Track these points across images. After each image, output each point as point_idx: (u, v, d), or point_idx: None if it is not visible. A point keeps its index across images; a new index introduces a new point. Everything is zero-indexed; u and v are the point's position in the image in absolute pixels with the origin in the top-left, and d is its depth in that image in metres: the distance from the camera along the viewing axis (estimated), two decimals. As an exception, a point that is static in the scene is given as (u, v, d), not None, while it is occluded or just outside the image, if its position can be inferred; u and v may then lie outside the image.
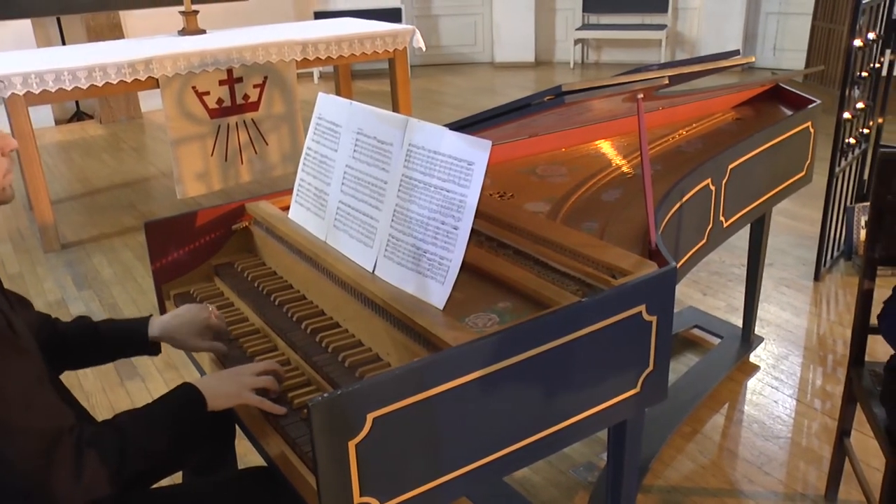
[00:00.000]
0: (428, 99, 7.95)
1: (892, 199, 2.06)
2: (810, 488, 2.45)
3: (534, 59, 9.43)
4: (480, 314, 1.53)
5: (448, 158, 1.52)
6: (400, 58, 5.38)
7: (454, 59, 9.67)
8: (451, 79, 8.96)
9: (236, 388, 1.52)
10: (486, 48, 9.65)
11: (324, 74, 8.98)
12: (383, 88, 5.71)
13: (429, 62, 9.47)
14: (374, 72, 8.91)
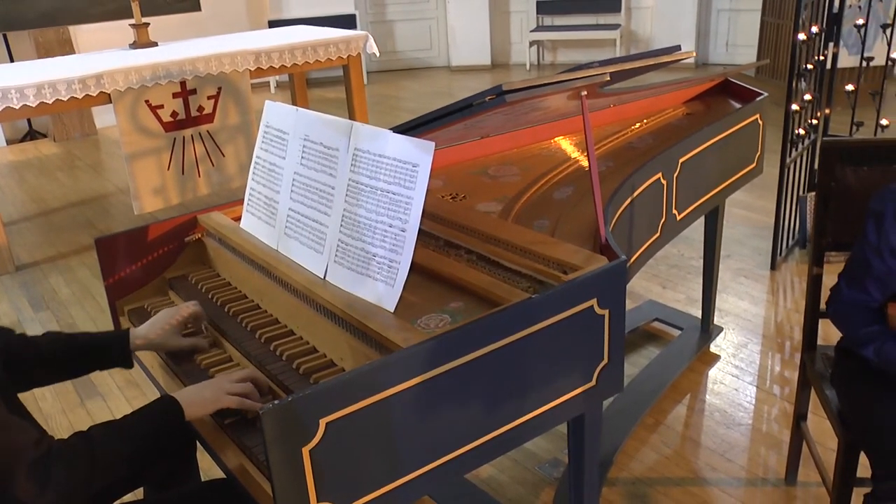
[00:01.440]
0: (385, 104, 7.95)
1: (837, 187, 2.11)
2: (771, 473, 2.48)
3: (490, 61, 9.47)
4: (432, 315, 1.54)
5: (393, 161, 1.52)
6: (354, 64, 5.37)
7: (410, 64, 9.68)
8: (408, 84, 8.96)
9: (214, 393, 1.52)
10: (442, 52, 9.67)
11: (280, 84, 8.93)
12: (340, 96, 5.70)
13: (385, 68, 9.47)
14: (330, 79, 8.88)
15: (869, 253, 1.73)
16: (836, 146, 2.10)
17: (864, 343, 1.76)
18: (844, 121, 3.85)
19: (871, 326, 1.76)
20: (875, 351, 1.74)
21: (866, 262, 1.74)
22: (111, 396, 3.02)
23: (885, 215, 1.67)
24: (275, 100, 1.93)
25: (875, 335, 1.74)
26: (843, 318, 1.84)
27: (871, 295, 1.78)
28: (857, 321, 1.79)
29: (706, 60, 8.81)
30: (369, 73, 9.17)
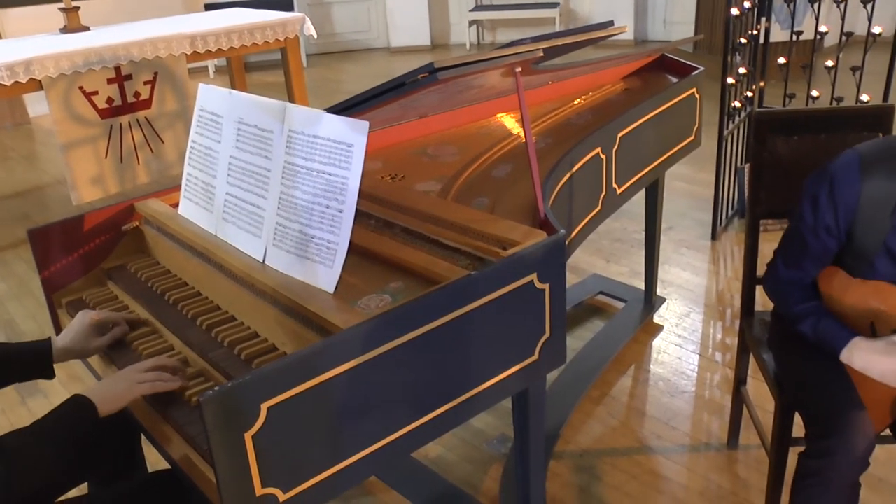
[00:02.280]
0: (325, 87, 7.87)
1: (769, 157, 2.15)
2: (714, 438, 2.55)
3: (430, 42, 9.43)
4: (373, 296, 1.53)
5: (327, 142, 1.51)
6: (292, 47, 5.30)
7: (350, 47, 9.58)
8: (348, 66, 8.88)
9: (125, 385, 1.50)
10: (381, 34, 9.59)
11: (219, 68, 8.77)
12: (279, 79, 5.62)
13: (324, 50, 9.36)
14: (269, 63, 8.74)
15: (805, 232, 1.76)
16: (768, 117, 2.14)
17: (800, 319, 1.80)
18: (778, 93, 3.94)
19: (807, 303, 1.80)
20: (811, 326, 1.78)
21: (803, 241, 1.78)
22: (53, 393, 2.96)
23: (820, 196, 1.71)
24: (214, 84, 1.89)
25: (811, 311, 1.78)
26: (780, 295, 1.88)
27: (808, 272, 1.82)
28: (794, 298, 1.83)
29: (644, 37, 8.91)
30: (309, 56, 9.06)
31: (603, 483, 2.37)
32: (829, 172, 1.70)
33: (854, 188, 1.66)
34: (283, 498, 1.33)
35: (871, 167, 1.65)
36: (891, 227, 1.66)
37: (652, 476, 2.39)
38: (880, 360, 1.66)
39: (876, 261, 1.71)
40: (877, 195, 1.64)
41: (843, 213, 1.69)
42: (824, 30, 3.75)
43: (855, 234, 1.70)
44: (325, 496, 1.40)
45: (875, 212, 1.65)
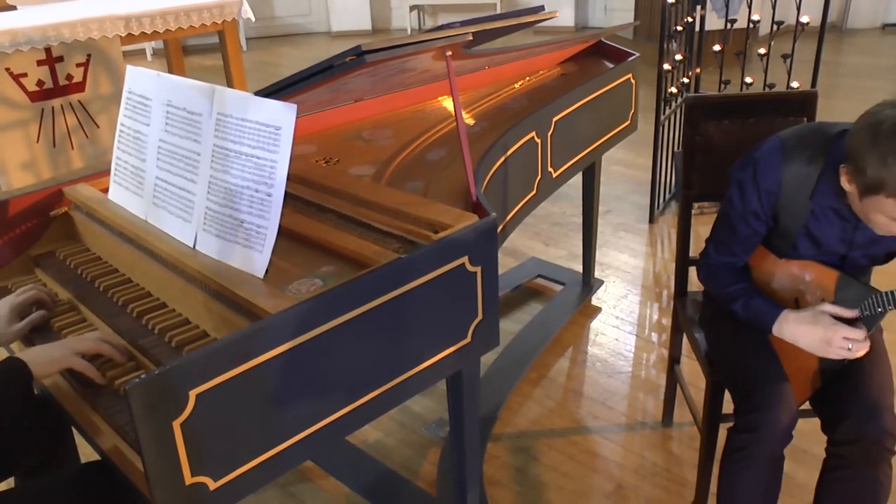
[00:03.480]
0: (264, 71, 7.77)
1: (701, 140, 2.19)
2: (649, 416, 2.60)
3: (370, 27, 9.36)
4: (304, 280, 1.52)
5: (256, 125, 1.49)
6: (229, 30, 5.21)
7: (290, 30, 9.47)
8: (288, 50, 8.77)
9: (61, 352, 1.48)
10: (322, 18, 9.49)
11: (157, 51, 8.58)
12: (218, 63, 5.53)
13: (264, 34, 9.23)
14: (208, 46, 8.58)
15: (734, 218, 1.81)
16: (699, 102, 2.19)
17: (732, 300, 1.85)
18: (714, 79, 4.02)
19: (738, 284, 1.85)
20: (742, 306, 1.83)
21: (732, 227, 1.83)
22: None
23: (745, 182, 1.76)
24: (152, 68, 1.85)
25: (741, 292, 1.83)
26: (712, 279, 1.93)
27: (739, 256, 1.87)
28: (725, 280, 1.88)
29: (585, 24, 8.99)
30: (248, 40, 8.93)
31: (539, 463, 2.40)
32: (753, 159, 1.75)
33: (776, 173, 1.71)
34: (213, 486, 1.31)
35: (791, 153, 1.70)
36: (810, 211, 1.71)
37: (588, 455, 2.43)
38: (808, 329, 1.72)
39: (798, 242, 1.77)
40: (797, 180, 1.69)
41: (766, 198, 1.74)
42: (757, 18, 3.83)
43: (778, 216, 1.76)
44: (258, 483, 1.40)
45: (796, 195, 1.71)
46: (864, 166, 1.46)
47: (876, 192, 1.47)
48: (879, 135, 1.43)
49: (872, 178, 1.45)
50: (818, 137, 1.70)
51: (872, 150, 1.44)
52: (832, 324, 1.69)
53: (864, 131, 1.48)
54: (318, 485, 2.34)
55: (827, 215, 1.71)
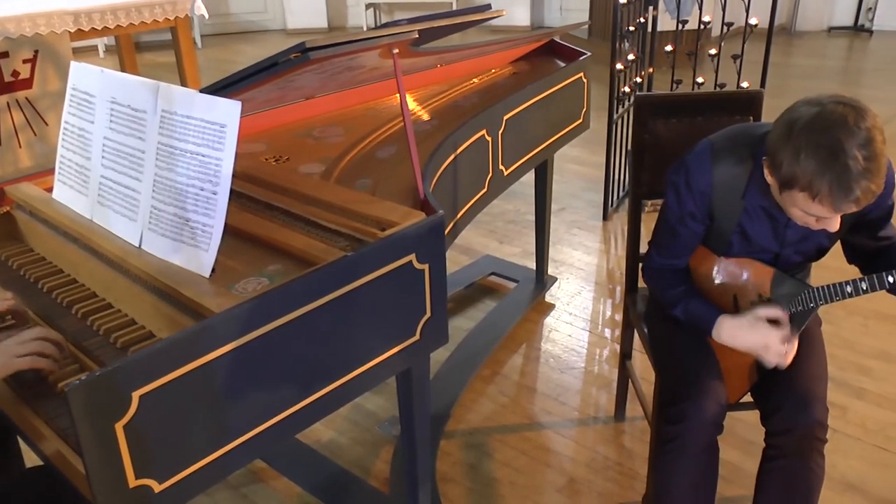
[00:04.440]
0: (219, 69, 7.68)
1: (650, 139, 2.23)
2: (602, 411, 2.64)
3: (327, 24, 9.31)
4: (251, 279, 1.51)
5: (200, 122, 1.48)
6: (182, 26, 5.13)
7: (245, 27, 9.38)
8: (243, 47, 8.70)
9: (3, 359, 1.43)
10: (278, 15, 9.42)
11: (110, 48, 8.43)
12: (172, 60, 5.46)
13: (219, 31, 9.14)
14: (162, 43, 8.46)
15: (672, 220, 1.84)
16: (648, 101, 2.22)
17: (673, 305, 1.89)
18: (666, 79, 4.07)
19: (678, 287, 1.88)
20: (683, 310, 1.86)
21: (671, 230, 1.86)
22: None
23: (680, 185, 1.79)
24: (104, 65, 1.82)
25: (682, 295, 1.87)
26: (655, 282, 1.96)
27: (680, 258, 1.91)
28: (667, 283, 1.91)
29: (541, 24, 9.05)
30: (203, 37, 8.82)
31: (493, 459, 2.42)
32: (685, 163, 1.79)
33: (707, 175, 1.74)
34: (158, 489, 1.30)
35: (721, 154, 1.74)
36: (743, 209, 1.75)
37: (541, 451, 2.45)
38: (745, 334, 1.76)
39: (732, 240, 1.81)
40: (727, 180, 1.73)
41: (700, 199, 1.77)
42: (707, 20, 3.90)
43: (713, 216, 1.79)
44: (206, 483, 1.39)
45: (728, 195, 1.74)
46: (780, 161, 1.50)
47: (790, 186, 1.50)
48: (794, 131, 1.47)
49: (787, 173, 1.49)
50: (746, 138, 1.74)
51: (787, 146, 1.48)
52: (768, 329, 1.73)
53: (780, 127, 1.52)
54: (271, 485, 2.33)
55: (758, 214, 1.75)
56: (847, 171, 1.41)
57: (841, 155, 1.41)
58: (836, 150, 1.42)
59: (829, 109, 1.45)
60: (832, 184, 1.43)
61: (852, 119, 1.43)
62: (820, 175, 1.43)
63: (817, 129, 1.44)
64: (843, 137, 1.42)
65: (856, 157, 1.41)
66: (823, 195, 1.45)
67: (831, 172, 1.42)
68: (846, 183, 1.42)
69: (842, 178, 1.42)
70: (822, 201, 1.47)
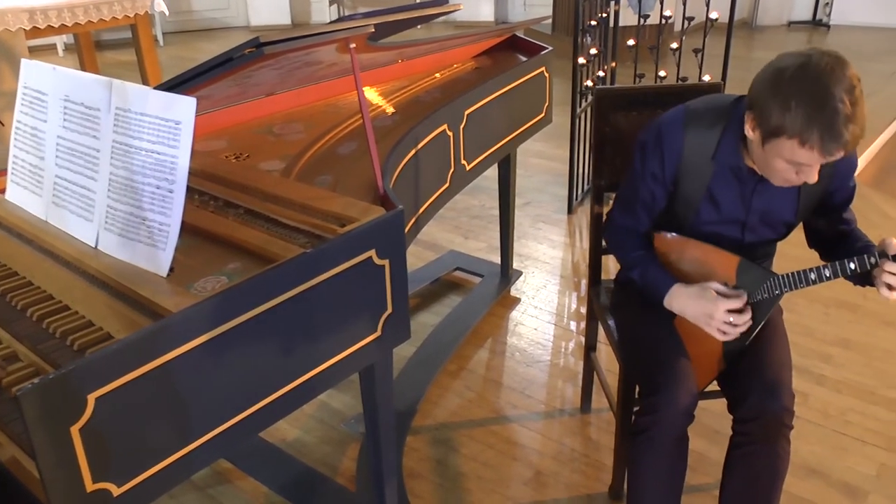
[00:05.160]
0: (181, 67, 7.55)
1: (610, 132, 2.24)
2: (568, 403, 2.65)
3: (290, 21, 9.23)
4: (209, 278, 1.50)
5: (155, 119, 1.46)
6: (142, 24, 5.07)
7: (208, 24, 9.26)
8: (206, 45, 8.59)
9: None
10: (240, 12, 9.32)
11: (69, 46, 8.28)
12: (134, 58, 5.39)
13: (182, 28, 9.02)
14: (123, 41, 8.33)
15: (636, 179, 1.87)
16: (608, 94, 2.23)
17: (631, 267, 1.91)
18: (629, 73, 4.10)
19: (638, 251, 1.91)
20: (640, 274, 1.89)
21: (634, 188, 1.88)
22: None
23: (648, 144, 1.81)
24: (64, 64, 1.79)
25: (641, 259, 1.89)
26: (616, 243, 1.98)
27: (640, 220, 1.92)
28: (627, 245, 1.94)
29: (505, 19, 9.06)
30: (165, 35, 8.70)
31: (459, 454, 2.42)
32: (657, 123, 1.82)
33: (678, 137, 1.77)
34: (117, 492, 1.28)
35: (694, 118, 1.77)
36: (712, 172, 1.77)
37: (507, 444, 2.46)
38: (693, 303, 1.79)
39: (700, 206, 1.83)
40: (698, 143, 1.76)
41: (668, 161, 1.79)
42: (669, 14, 3.93)
43: (681, 181, 1.81)
44: (166, 485, 1.37)
45: (698, 159, 1.77)
46: (769, 111, 1.53)
47: (778, 134, 1.54)
48: (782, 81, 1.52)
49: (776, 122, 1.53)
50: (718, 104, 1.78)
51: (776, 95, 1.52)
52: (715, 298, 1.76)
53: (766, 79, 1.56)
54: (237, 486, 2.31)
55: (727, 176, 1.77)
56: (836, 115, 1.47)
57: (831, 100, 1.47)
58: (826, 96, 1.47)
59: (815, 59, 1.50)
60: (823, 128, 1.48)
61: (838, 68, 1.49)
62: (810, 120, 1.48)
63: (807, 77, 1.49)
64: (832, 84, 1.47)
65: (844, 101, 1.47)
66: (814, 140, 1.50)
67: (822, 116, 1.47)
68: (836, 127, 1.47)
69: (833, 122, 1.47)
70: (812, 146, 1.51)
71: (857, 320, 3.08)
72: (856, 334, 2.99)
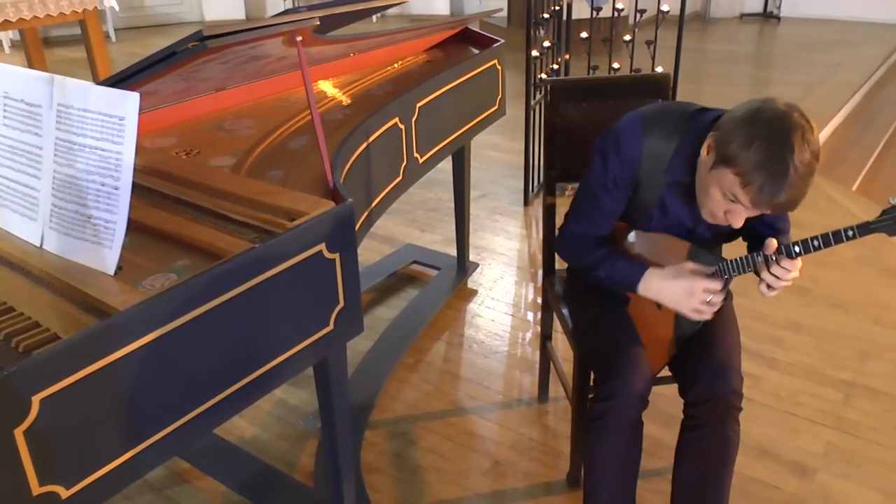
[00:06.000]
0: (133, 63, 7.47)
1: (562, 122, 2.26)
2: (525, 393, 2.67)
3: (245, 15, 9.14)
4: (158, 275, 1.48)
5: (98, 115, 1.44)
6: (91, 19, 4.97)
7: (161, 20, 9.12)
8: (159, 41, 8.45)
9: None
10: (194, 7, 9.19)
11: (15, 43, 8.10)
12: (84, 55, 5.28)
13: (134, 24, 8.87)
14: (72, 37, 8.18)
15: (596, 187, 1.86)
16: (559, 86, 2.25)
17: (595, 267, 1.89)
18: (583, 65, 4.13)
19: (600, 250, 1.90)
20: (608, 270, 1.87)
21: (594, 196, 1.87)
22: None
23: (608, 150, 1.82)
24: (10, 61, 1.75)
25: (605, 256, 1.88)
26: (572, 252, 1.96)
27: (600, 227, 1.91)
28: (586, 249, 1.92)
29: (461, 13, 9.08)
30: (117, 31, 8.56)
31: (417, 447, 2.43)
32: (615, 130, 1.82)
33: (637, 143, 1.78)
34: (66, 494, 1.26)
35: (651, 126, 1.78)
36: (665, 184, 1.80)
37: (465, 436, 2.48)
38: (671, 283, 1.80)
39: (653, 213, 1.85)
40: (655, 152, 1.78)
41: (627, 167, 1.81)
42: (621, 7, 3.97)
43: (638, 188, 1.83)
44: (117, 486, 1.35)
45: (653, 167, 1.79)
46: (731, 140, 1.55)
47: (728, 164, 1.56)
48: (756, 120, 1.54)
49: (732, 152, 1.55)
50: (676, 115, 1.79)
51: (744, 129, 1.54)
52: (692, 275, 1.78)
53: (744, 112, 1.58)
54: (195, 485, 2.29)
55: (677, 190, 1.79)
56: (786, 174, 1.50)
57: (788, 158, 1.50)
58: (785, 153, 1.50)
59: (793, 118, 1.53)
60: (767, 179, 1.51)
61: (807, 134, 1.53)
62: (761, 166, 1.51)
63: (779, 127, 1.52)
64: (796, 145, 1.50)
65: (798, 166, 1.50)
66: (754, 186, 1.52)
67: (773, 169, 1.50)
68: (780, 183, 1.51)
69: (779, 178, 1.50)
70: (749, 191, 1.54)
71: (808, 304, 3.15)
72: (806, 318, 3.06)
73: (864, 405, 2.57)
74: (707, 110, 1.76)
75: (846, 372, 2.74)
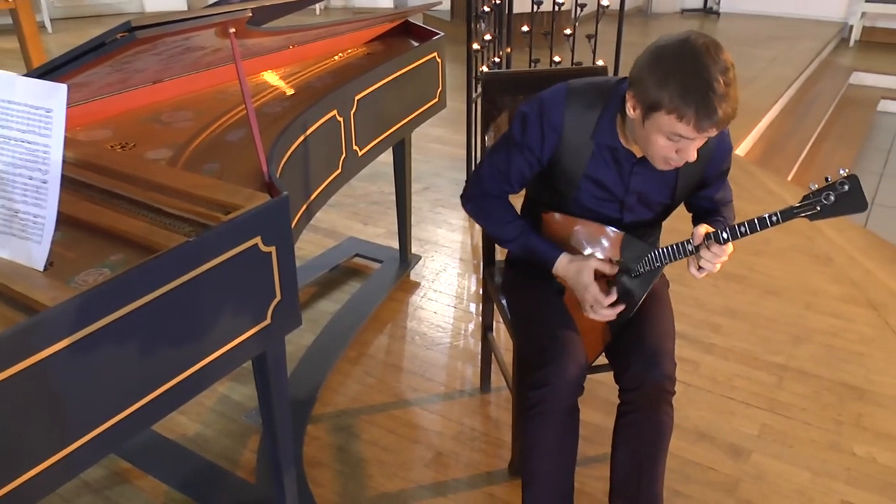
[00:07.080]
0: (72, 55, 7.27)
1: (498, 114, 2.28)
2: (468, 384, 2.70)
3: (187, 6, 8.97)
4: (91, 270, 1.45)
5: (24, 107, 1.40)
6: (23, 8, 4.84)
7: (100, 11, 8.88)
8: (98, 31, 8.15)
9: None
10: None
11: (-57, 34, 7.83)
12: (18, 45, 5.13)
13: (72, 14, 8.62)
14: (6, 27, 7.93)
15: (512, 149, 1.89)
16: (495, 79, 2.27)
17: (509, 241, 1.96)
18: (525, 59, 4.16)
19: (514, 221, 1.94)
20: (521, 247, 1.93)
21: (508, 156, 1.90)
22: None
23: (530, 116, 1.85)
24: None
25: (518, 231, 1.93)
26: (485, 210, 1.98)
27: (513, 187, 1.96)
28: (500, 214, 1.96)
29: (405, 5, 9.05)
30: (53, 21, 8.32)
31: (360, 440, 2.43)
32: (539, 98, 1.86)
33: (559, 111, 1.82)
34: (-5, 497, 1.24)
35: (575, 95, 1.83)
36: (591, 152, 1.83)
37: (408, 428, 2.49)
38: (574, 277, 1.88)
39: (581, 183, 1.88)
40: (578, 121, 1.82)
41: (549, 135, 1.84)
42: (561, 1, 4.01)
43: (562, 157, 1.86)
44: (48, 487, 1.33)
45: (577, 137, 1.83)
46: (647, 87, 1.60)
47: (656, 108, 1.61)
48: (661, 58, 1.59)
49: (654, 97, 1.59)
50: (600, 86, 1.84)
51: (655, 71, 1.59)
52: (588, 285, 1.86)
53: (647, 57, 1.63)
54: (136, 485, 2.26)
55: (605, 156, 1.83)
56: (712, 89, 1.54)
57: (706, 77, 1.54)
58: (701, 74, 1.55)
59: (692, 40, 1.58)
60: (698, 103, 1.55)
61: (713, 50, 1.58)
62: (686, 94, 1.55)
63: (684, 55, 1.57)
64: (708, 63, 1.55)
65: (718, 80, 1.55)
66: (690, 114, 1.57)
67: (697, 93, 1.55)
68: (710, 103, 1.55)
69: (707, 99, 1.55)
70: (688, 121, 1.58)
71: (743, 291, 3.24)
72: (742, 304, 3.15)
73: (795, 387, 2.66)
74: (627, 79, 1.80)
75: (779, 356, 2.83)
